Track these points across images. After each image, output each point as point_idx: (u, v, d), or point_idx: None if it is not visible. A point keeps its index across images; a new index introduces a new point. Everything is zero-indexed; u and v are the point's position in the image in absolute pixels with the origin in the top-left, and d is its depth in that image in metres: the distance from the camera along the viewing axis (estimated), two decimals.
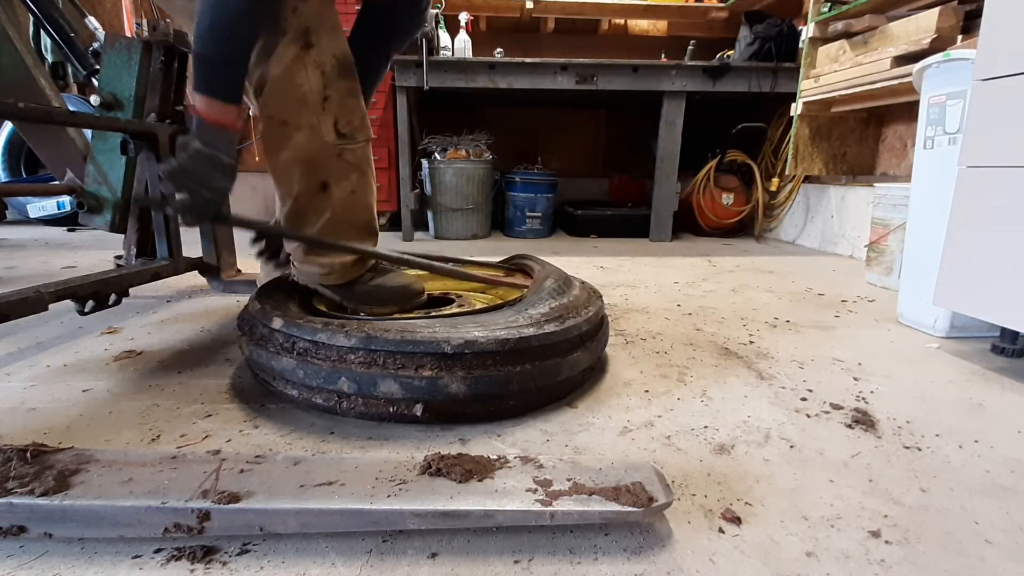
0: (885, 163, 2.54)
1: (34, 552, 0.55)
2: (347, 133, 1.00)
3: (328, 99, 0.97)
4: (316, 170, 1.00)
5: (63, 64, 2.94)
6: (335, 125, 0.98)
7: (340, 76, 0.98)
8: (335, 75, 0.97)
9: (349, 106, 1.00)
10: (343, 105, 0.99)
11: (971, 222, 1.10)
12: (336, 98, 0.98)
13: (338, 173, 1.01)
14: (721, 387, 0.98)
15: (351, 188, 1.02)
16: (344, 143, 0.99)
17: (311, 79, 0.95)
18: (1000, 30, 1.03)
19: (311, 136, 0.97)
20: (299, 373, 0.80)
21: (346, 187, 1.02)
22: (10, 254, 2.32)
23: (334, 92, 0.97)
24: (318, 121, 0.97)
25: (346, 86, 0.99)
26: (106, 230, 1.45)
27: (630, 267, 2.20)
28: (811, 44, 2.48)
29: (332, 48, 0.96)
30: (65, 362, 1.07)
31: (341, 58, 0.98)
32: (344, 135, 0.99)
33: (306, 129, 0.97)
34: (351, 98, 1.00)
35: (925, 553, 0.56)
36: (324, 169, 1.00)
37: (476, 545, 0.56)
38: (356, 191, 1.03)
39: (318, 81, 0.95)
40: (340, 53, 0.97)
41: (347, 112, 0.99)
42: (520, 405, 0.85)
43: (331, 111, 0.97)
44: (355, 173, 1.02)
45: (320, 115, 0.97)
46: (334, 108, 0.98)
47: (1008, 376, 1.06)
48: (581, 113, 3.78)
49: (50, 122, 1.18)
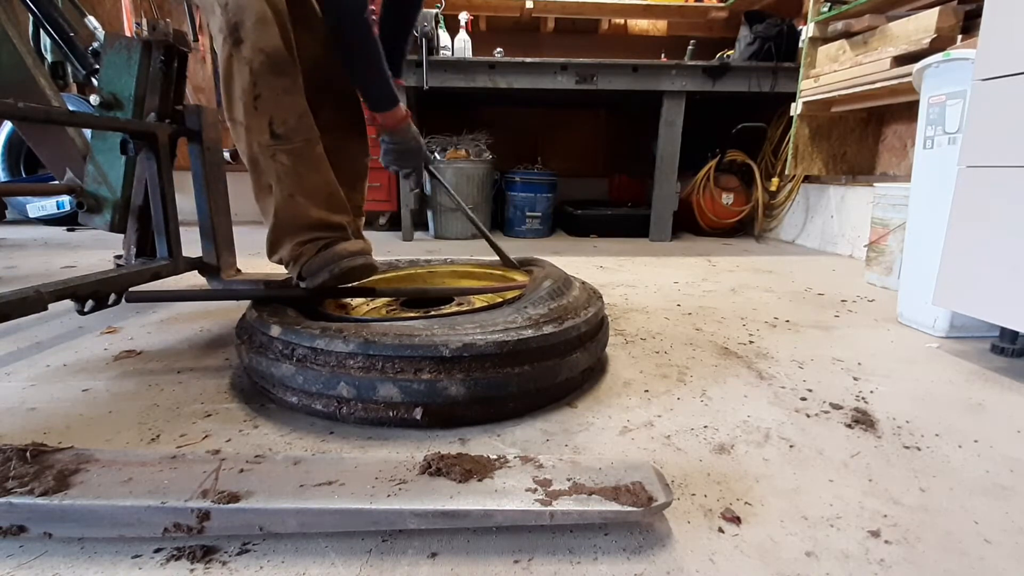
0: (885, 163, 2.54)
1: (34, 552, 0.55)
2: (282, 134, 0.96)
3: (260, 97, 0.93)
4: (258, 171, 0.98)
5: (63, 64, 2.94)
6: (270, 125, 0.95)
7: (271, 72, 0.93)
8: (265, 72, 0.93)
9: (284, 104, 0.95)
10: (278, 104, 0.95)
11: (971, 222, 1.10)
12: (269, 96, 0.94)
13: (275, 176, 0.98)
14: (721, 387, 0.98)
15: (288, 192, 0.99)
16: (279, 144, 0.96)
17: (240, 76, 0.93)
18: (1000, 30, 1.03)
19: (248, 137, 0.95)
20: (298, 379, 0.80)
21: (283, 190, 0.98)
22: (10, 254, 2.32)
23: (266, 90, 0.93)
24: (251, 121, 0.94)
25: (281, 83, 0.95)
26: (106, 230, 1.45)
27: (630, 267, 2.20)
28: (811, 44, 2.48)
29: (261, 43, 0.92)
30: (65, 362, 1.07)
31: (272, 53, 0.93)
32: (279, 136, 0.96)
33: (243, 129, 0.95)
34: (286, 96, 0.96)
35: (925, 553, 0.56)
36: (264, 170, 0.97)
37: (476, 545, 0.56)
38: (295, 195, 0.99)
39: (247, 79, 0.92)
40: (271, 48, 0.93)
41: (282, 111, 0.95)
42: (520, 407, 0.85)
43: (264, 110, 0.94)
44: (291, 177, 0.98)
45: (253, 115, 0.94)
46: (267, 107, 0.94)
47: (1008, 376, 1.06)
48: (581, 113, 3.78)
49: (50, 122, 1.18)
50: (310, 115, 1.00)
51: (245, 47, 0.91)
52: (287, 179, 0.98)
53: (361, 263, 1.04)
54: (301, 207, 1.00)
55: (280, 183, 0.98)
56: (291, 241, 1.03)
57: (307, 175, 1.00)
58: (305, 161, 0.99)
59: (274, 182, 0.98)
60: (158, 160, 1.28)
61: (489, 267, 1.36)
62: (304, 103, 0.99)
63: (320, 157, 1.02)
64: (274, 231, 1.03)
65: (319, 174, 1.02)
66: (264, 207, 1.02)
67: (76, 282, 1.07)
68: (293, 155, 0.97)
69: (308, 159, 1.00)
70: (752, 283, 1.89)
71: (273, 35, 0.93)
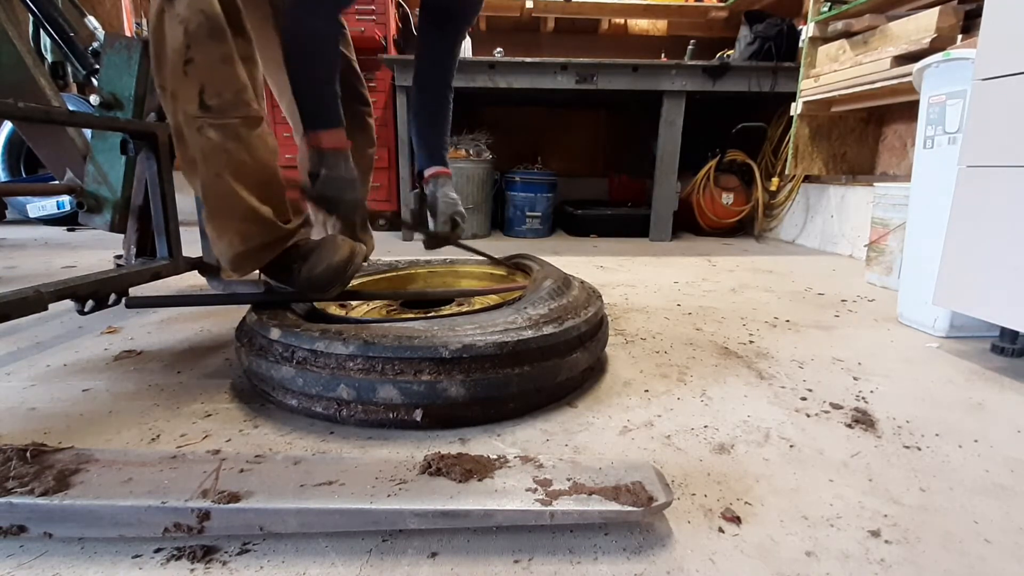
0: (885, 163, 2.54)
1: (34, 552, 0.55)
2: (214, 106, 0.87)
3: (191, 62, 0.85)
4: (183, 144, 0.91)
5: (63, 64, 2.94)
6: (200, 94, 0.86)
7: (209, 37, 0.85)
8: (202, 35, 0.84)
9: (221, 75, 0.87)
10: (212, 72, 0.86)
11: (971, 222, 1.10)
12: (202, 62, 0.85)
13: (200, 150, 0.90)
14: (721, 387, 0.98)
15: (215, 171, 0.90)
16: (208, 116, 0.87)
17: (172, 36, 0.84)
18: (1000, 30, 1.03)
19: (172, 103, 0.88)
20: (298, 382, 0.80)
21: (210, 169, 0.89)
22: (10, 254, 2.32)
23: (199, 55, 0.85)
24: (179, 87, 0.86)
25: (219, 51, 0.86)
26: (106, 230, 1.45)
27: (630, 267, 2.20)
28: (811, 44, 2.48)
29: (199, 3, 0.84)
30: (65, 362, 1.07)
31: (211, 15, 0.85)
32: (209, 107, 0.87)
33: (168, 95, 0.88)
34: (224, 66, 0.87)
35: (925, 553, 0.56)
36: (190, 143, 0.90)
37: (476, 545, 0.56)
38: (221, 175, 0.90)
39: (179, 39, 0.84)
40: (210, 10, 0.85)
41: (217, 81, 0.87)
42: (520, 407, 0.85)
43: (195, 77, 0.85)
44: (218, 155, 0.89)
45: (181, 80, 0.86)
46: (199, 74, 0.85)
47: (1008, 376, 1.06)
48: (581, 113, 3.78)
49: (50, 122, 1.18)
50: (251, 92, 0.92)
51: (180, 4, 0.84)
52: (213, 157, 0.89)
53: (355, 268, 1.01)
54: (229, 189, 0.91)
55: (206, 161, 0.89)
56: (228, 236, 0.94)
57: (237, 154, 0.90)
58: (238, 140, 0.90)
59: (199, 159, 0.90)
60: (158, 160, 1.28)
61: (489, 267, 1.37)
62: (245, 79, 0.91)
63: (259, 141, 0.93)
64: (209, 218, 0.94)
65: (252, 157, 0.92)
66: (191, 183, 0.95)
67: (76, 282, 1.07)
68: (224, 132, 0.89)
69: (242, 139, 0.91)
70: (752, 283, 1.89)
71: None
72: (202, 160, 0.89)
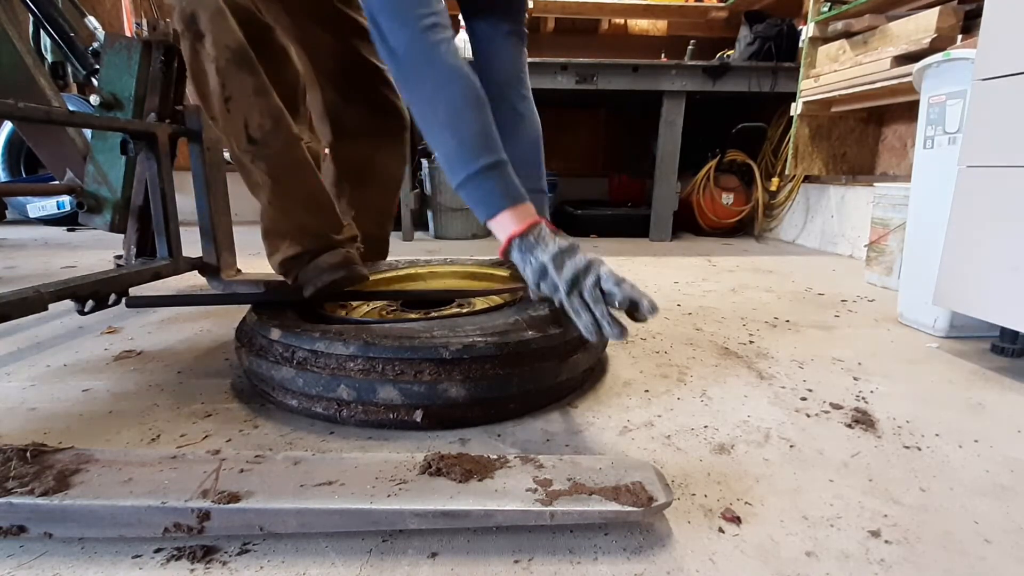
0: (885, 163, 2.54)
1: (34, 552, 0.55)
2: (259, 139, 0.89)
3: (230, 99, 0.86)
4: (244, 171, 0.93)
5: (63, 64, 2.94)
6: (245, 128, 0.87)
7: (238, 70, 0.85)
8: (233, 70, 0.85)
9: (259, 107, 0.88)
10: (250, 106, 0.87)
11: (971, 222, 1.10)
12: (240, 98, 0.86)
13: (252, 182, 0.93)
14: (721, 387, 0.98)
15: (267, 199, 0.94)
16: (256, 149, 0.89)
17: (211, 76, 0.85)
18: (1000, 30, 1.03)
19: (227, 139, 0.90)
20: (298, 382, 0.80)
21: (264, 197, 0.94)
22: (10, 254, 2.32)
23: (236, 91, 0.86)
24: (227, 124, 0.88)
25: (252, 83, 0.87)
26: (106, 230, 1.45)
27: (630, 267, 2.20)
28: (811, 44, 2.48)
29: (223, 38, 0.84)
30: (65, 362, 1.07)
31: (236, 47, 0.84)
32: (255, 140, 0.88)
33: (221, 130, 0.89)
34: (258, 97, 0.88)
35: (925, 553, 0.56)
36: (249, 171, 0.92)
37: (476, 545, 0.56)
38: (273, 202, 0.94)
39: (214, 79, 0.85)
40: (235, 44, 0.84)
41: (256, 114, 0.88)
42: (520, 407, 0.85)
43: (237, 112, 0.87)
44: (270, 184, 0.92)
45: (227, 118, 0.87)
46: (240, 109, 0.87)
47: (1008, 376, 1.06)
48: (581, 113, 3.78)
49: (50, 122, 1.18)
50: (286, 115, 0.93)
51: (207, 42, 0.84)
52: (266, 187, 0.94)
53: (343, 275, 0.99)
54: (282, 214, 0.96)
55: (261, 190, 0.94)
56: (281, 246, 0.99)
57: (285, 181, 0.94)
58: (284, 167, 0.93)
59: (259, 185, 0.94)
60: (158, 160, 1.28)
61: (489, 268, 1.36)
62: (279, 103, 0.91)
63: (301, 161, 0.95)
64: (264, 235, 1.01)
65: (299, 179, 0.96)
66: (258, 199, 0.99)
67: (76, 282, 1.07)
68: (271, 161, 0.91)
69: (287, 165, 0.93)
70: (752, 283, 1.89)
71: (232, 28, 0.85)
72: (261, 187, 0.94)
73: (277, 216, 0.97)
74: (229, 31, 0.85)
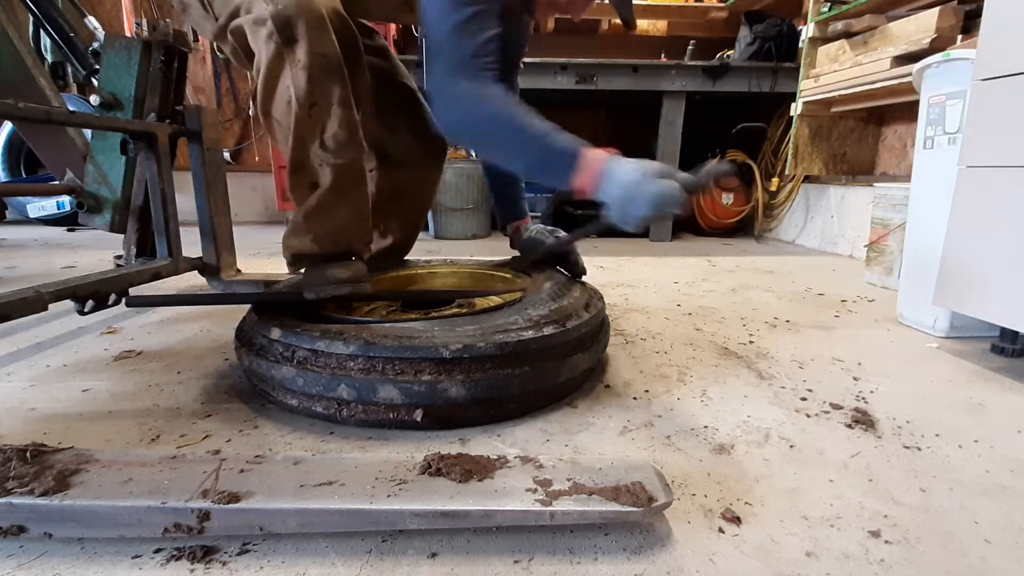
0: (885, 163, 2.54)
1: (34, 552, 0.55)
2: (332, 148, 0.91)
3: (316, 105, 0.87)
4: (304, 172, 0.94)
5: (63, 64, 2.94)
6: (321, 134, 0.89)
7: (330, 80, 0.87)
8: (324, 79, 0.86)
9: (340, 118, 0.89)
10: (332, 115, 0.89)
11: (971, 222, 1.10)
12: (324, 106, 0.88)
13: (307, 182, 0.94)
14: (721, 387, 0.98)
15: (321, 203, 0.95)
16: (327, 156, 0.91)
17: (297, 82, 0.85)
18: (1000, 30, 1.03)
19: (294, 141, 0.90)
20: (299, 382, 0.80)
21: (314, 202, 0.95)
22: (10, 254, 2.32)
23: (322, 99, 0.87)
24: (302, 129, 0.89)
25: (339, 93, 0.88)
26: (106, 230, 1.45)
27: (630, 267, 2.20)
28: (811, 44, 2.48)
29: (320, 47, 0.85)
30: (65, 362, 1.07)
31: (331, 56, 0.86)
32: (328, 148, 0.90)
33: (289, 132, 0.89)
34: (342, 109, 0.89)
35: (925, 553, 0.56)
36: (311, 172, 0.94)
37: (476, 545, 0.56)
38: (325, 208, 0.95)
39: (303, 86, 0.85)
40: (332, 53, 0.86)
41: (335, 123, 0.90)
42: (520, 407, 0.85)
43: (318, 119, 0.88)
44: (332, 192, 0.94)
45: (306, 123, 0.88)
46: (322, 116, 0.89)
47: (1008, 376, 1.06)
48: (581, 113, 3.78)
49: (50, 122, 1.18)
50: (360, 130, 0.94)
51: (300, 48, 0.84)
52: (327, 194, 0.94)
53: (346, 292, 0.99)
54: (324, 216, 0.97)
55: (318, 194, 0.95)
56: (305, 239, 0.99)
57: (346, 193, 0.96)
58: (346, 178, 0.95)
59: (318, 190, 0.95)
60: (158, 160, 1.28)
61: (490, 268, 1.36)
62: (356, 117, 0.93)
63: (361, 175, 0.98)
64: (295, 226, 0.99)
65: (354, 192, 0.98)
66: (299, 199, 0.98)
67: (76, 282, 1.07)
68: (339, 171, 0.93)
69: (351, 177, 0.95)
70: (752, 283, 1.89)
71: (332, 40, 0.86)
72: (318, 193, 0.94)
73: (318, 215, 0.97)
74: (329, 41, 0.86)
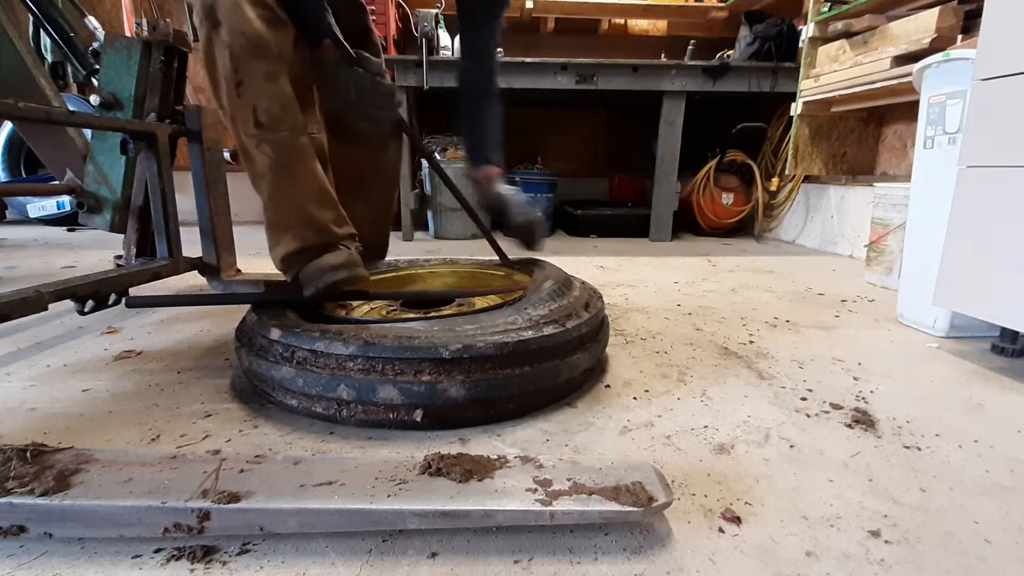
0: (885, 163, 2.54)
1: (34, 552, 0.55)
2: (266, 123, 0.92)
3: (242, 84, 0.90)
4: (249, 160, 0.95)
5: (63, 64, 2.94)
6: (254, 113, 0.91)
7: (252, 56, 0.90)
8: (245, 56, 0.89)
9: (267, 92, 0.92)
10: (260, 90, 0.91)
11: (971, 222, 1.10)
12: (250, 83, 0.91)
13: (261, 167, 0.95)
14: (721, 387, 0.98)
15: (270, 188, 0.96)
16: (263, 134, 0.92)
17: (221, 62, 0.90)
18: (1000, 30, 1.03)
19: (234, 126, 0.93)
20: (298, 382, 0.80)
21: (270, 184, 0.95)
22: (10, 254, 2.32)
23: (247, 76, 0.90)
24: (236, 110, 0.92)
25: (263, 68, 0.91)
26: (106, 230, 1.45)
27: (630, 267, 2.20)
28: (811, 44, 2.48)
29: (239, 25, 0.89)
30: (65, 362, 1.07)
31: (252, 36, 0.89)
32: (263, 124, 0.92)
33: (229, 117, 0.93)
34: (268, 82, 0.92)
35: (925, 553, 0.56)
36: (254, 159, 0.95)
37: (476, 545, 0.56)
38: (281, 188, 0.96)
39: (227, 64, 0.89)
40: (250, 31, 0.90)
41: (265, 98, 0.92)
42: (520, 407, 0.85)
43: (247, 97, 0.91)
44: (278, 169, 0.95)
45: (237, 103, 0.91)
46: (250, 94, 0.91)
47: (1008, 376, 1.06)
48: (581, 113, 3.78)
49: (50, 122, 1.18)
50: (295, 102, 0.96)
51: (223, 30, 0.89)
52: (271, 172, 0.95)
53: (344, 276, 0.99)
54: (289, 202, 0.97)
55: (264, 179, 0.96)
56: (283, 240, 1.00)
57: (293, 167, 0.97)
58: (289, 153, 0.96)
59: (258, 176, 0.96)
60: (158, 160, 1.28)
61: (490, 267, 1.36)
62: (289, 90, 0.95)
63: (305, 149, 0.98)
64: (267, 227, 1.01)
65: (303, 168, 0.98)
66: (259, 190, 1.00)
67: (76, 282, 1.07)
68: (278, 146, 0.94)
69: (292, 151, 0.96)
70: (752, 283, 1.89)
71: (250, 17, 0.90)
72: (261, 179, 0.96)
73: (280, 207, 0.98)
74: (246, 20, 0.90)
